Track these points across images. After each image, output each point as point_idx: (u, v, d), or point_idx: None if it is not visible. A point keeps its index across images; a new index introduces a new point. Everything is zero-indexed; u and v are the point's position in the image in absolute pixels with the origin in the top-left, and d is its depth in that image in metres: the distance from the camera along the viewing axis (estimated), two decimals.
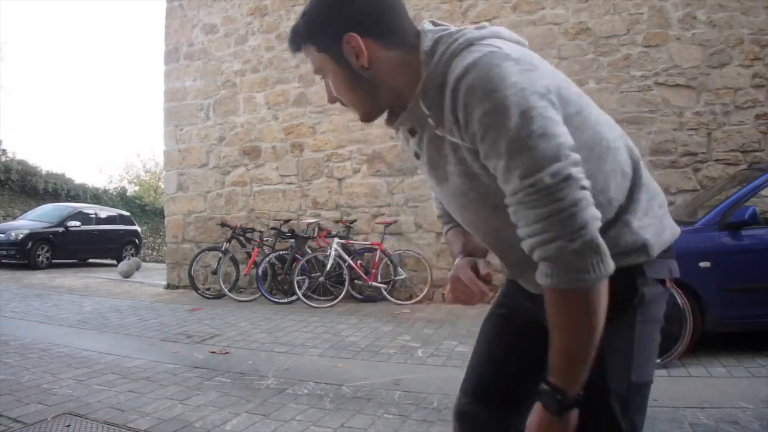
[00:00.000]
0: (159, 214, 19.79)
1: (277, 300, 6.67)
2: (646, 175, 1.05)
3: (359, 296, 6.77)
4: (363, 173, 7.16)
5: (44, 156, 52.13)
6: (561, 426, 0.93)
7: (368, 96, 1.03)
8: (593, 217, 0.85)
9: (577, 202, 0.84)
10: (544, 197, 0.84)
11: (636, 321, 1.01)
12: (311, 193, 7.45)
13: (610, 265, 0.87)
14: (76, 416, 2.88)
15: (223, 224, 7.48)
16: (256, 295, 6.93)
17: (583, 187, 0.86)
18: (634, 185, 1.01)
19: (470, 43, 0.94)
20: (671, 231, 1.06)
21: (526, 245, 0.90)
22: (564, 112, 0.90)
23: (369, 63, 0.97)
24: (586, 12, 6.19)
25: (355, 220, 7.05)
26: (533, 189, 0.85)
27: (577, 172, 0.86)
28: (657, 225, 1.02)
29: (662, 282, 1.05)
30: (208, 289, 7.62)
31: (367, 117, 1.07)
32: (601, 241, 0.86)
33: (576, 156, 0.87)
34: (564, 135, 0.87)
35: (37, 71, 47.77)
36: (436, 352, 4.22)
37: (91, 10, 56.84)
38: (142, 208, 21.34)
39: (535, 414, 0.95)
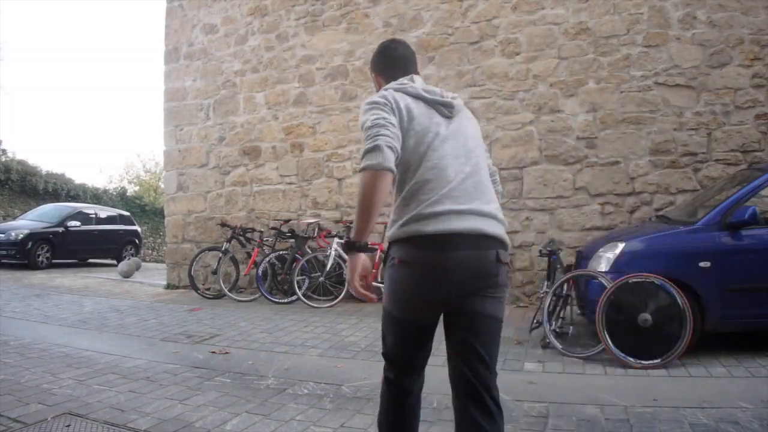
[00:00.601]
0: (159, 214, 19.77)
1: (277, 300, 6.67)
2: (424, 191, 1.63)
3: None
4: None
5: (44, 156, 51.90)
6: (356, 260, 1.62)
7: None
8: (387, 142, 1.57)
9: (379, 130, 1.59)
10: (366, 131, 1.62)
11: (387, 274, 1.73)
12: (311, 193, 7.45)
13: (389, 163, 1.55)
14: (76, 416, 2.88)
15: (223, 224, 7.48)
16: (256, 295, 6.93)
17: (387, 128, 1.60)
18: (412, 187, 1.65)
19: (384, 89, 1.79)
20: (406, 230, 1.62)
21: None
22: (405, 127, 1.67)
23: (378, 87, 1.94)
24: (586, 12, 6.19)
25: None
26: (364, 129, 1.63)
27: (389, 124, 1.61)
28: (403, 223, 1.63)
29: (399, 260, 1.66)
30: (208, 289, 7.62)
31: None
32: (386, 150, 1.55)
33: (392, 121, 1.63)
34: (390, 117, 1.64)
35: (37, 71, 47.70)
36: (435, 352, 4.20)
37: (91, 10, 56.84)
38: (142, 208, 21.32)
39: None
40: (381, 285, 6.67)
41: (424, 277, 1.61)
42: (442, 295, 1.63)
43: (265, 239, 7.25)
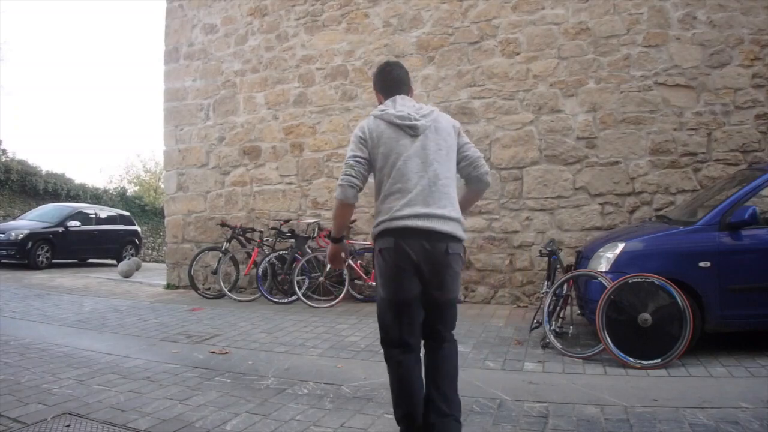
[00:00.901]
0: (159, 214, 19.78)
1: (277, 300, 6.67)
2: (390, 201, 2.23)
3: (359, 296, 6.77)
4: None
5: (44, 156, 51.82)
6: (332, 246, 2.47)
7: None
8: (350, 182, 2.25)
9: (348, 170, 2.26)
10: (344, 165, 2.29)
11: (375, 263, 2.34)
12: (311, 193, 7.45)
13: (349, 200, 2.28)
14: (76, 416, 2.88)
15: (223, 224, 7.48)
16: (256, 295, 6.93)
17: (353, 168, 2.25)
18: (382, 197, 2.27)
19: (370, 115, 2.35)
20: (380, 228, 2.25)
21: None
22: (374, 152, 2.28)
23: (379, 102, 2.46)
24: (586, 12, 6.19)
25: (355, 220, 7.04)
26: (344, 161, 2.30)
27: (356, 163, 2.26)
28: (377, 224, 2.27)
29: (379, 250, 2.27)
30: (208, 289, 7.62)
31: None
32: (348, 188, 2.25)
33: (359, 159, 2.27)
34: (359, 154, 2.28)
35: (37, 71, 47.67)
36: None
37: (91, 10, 56.78)
38: (142, 208, 21.32)
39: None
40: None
41: (395, 258, 2.19)
42: (409, 270, 2.18)
43: (265, 239, 7.25)
